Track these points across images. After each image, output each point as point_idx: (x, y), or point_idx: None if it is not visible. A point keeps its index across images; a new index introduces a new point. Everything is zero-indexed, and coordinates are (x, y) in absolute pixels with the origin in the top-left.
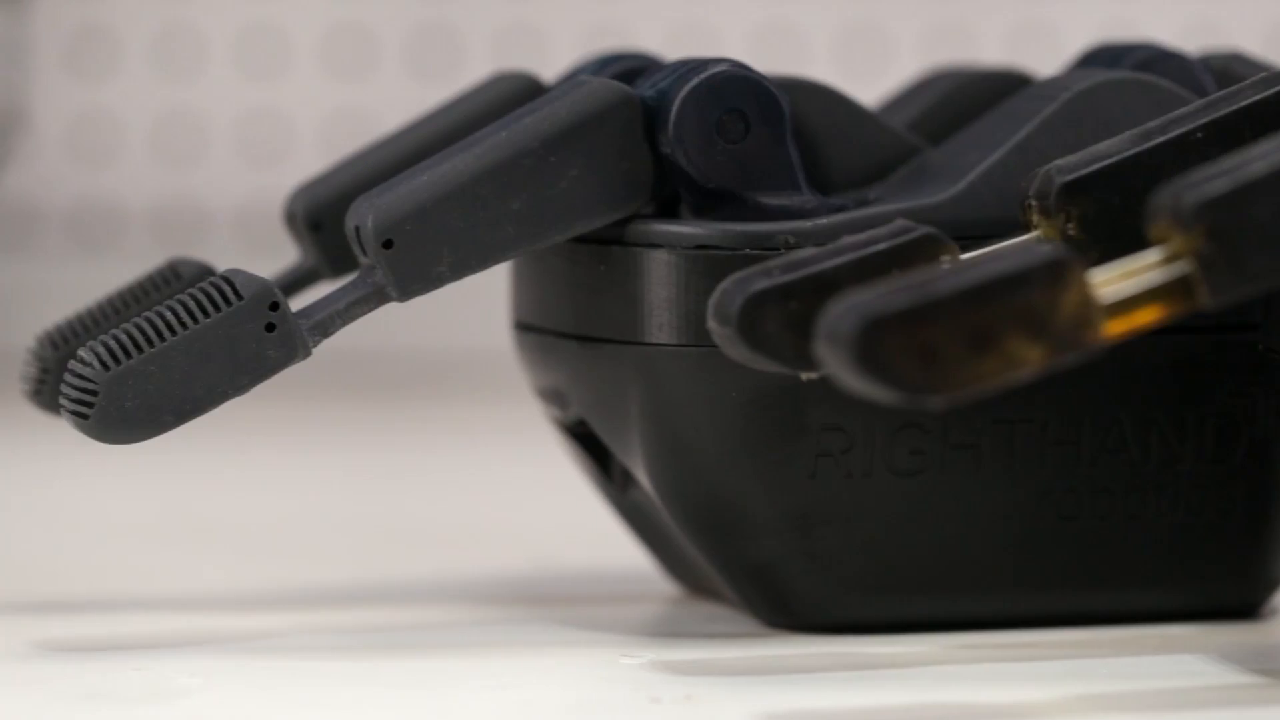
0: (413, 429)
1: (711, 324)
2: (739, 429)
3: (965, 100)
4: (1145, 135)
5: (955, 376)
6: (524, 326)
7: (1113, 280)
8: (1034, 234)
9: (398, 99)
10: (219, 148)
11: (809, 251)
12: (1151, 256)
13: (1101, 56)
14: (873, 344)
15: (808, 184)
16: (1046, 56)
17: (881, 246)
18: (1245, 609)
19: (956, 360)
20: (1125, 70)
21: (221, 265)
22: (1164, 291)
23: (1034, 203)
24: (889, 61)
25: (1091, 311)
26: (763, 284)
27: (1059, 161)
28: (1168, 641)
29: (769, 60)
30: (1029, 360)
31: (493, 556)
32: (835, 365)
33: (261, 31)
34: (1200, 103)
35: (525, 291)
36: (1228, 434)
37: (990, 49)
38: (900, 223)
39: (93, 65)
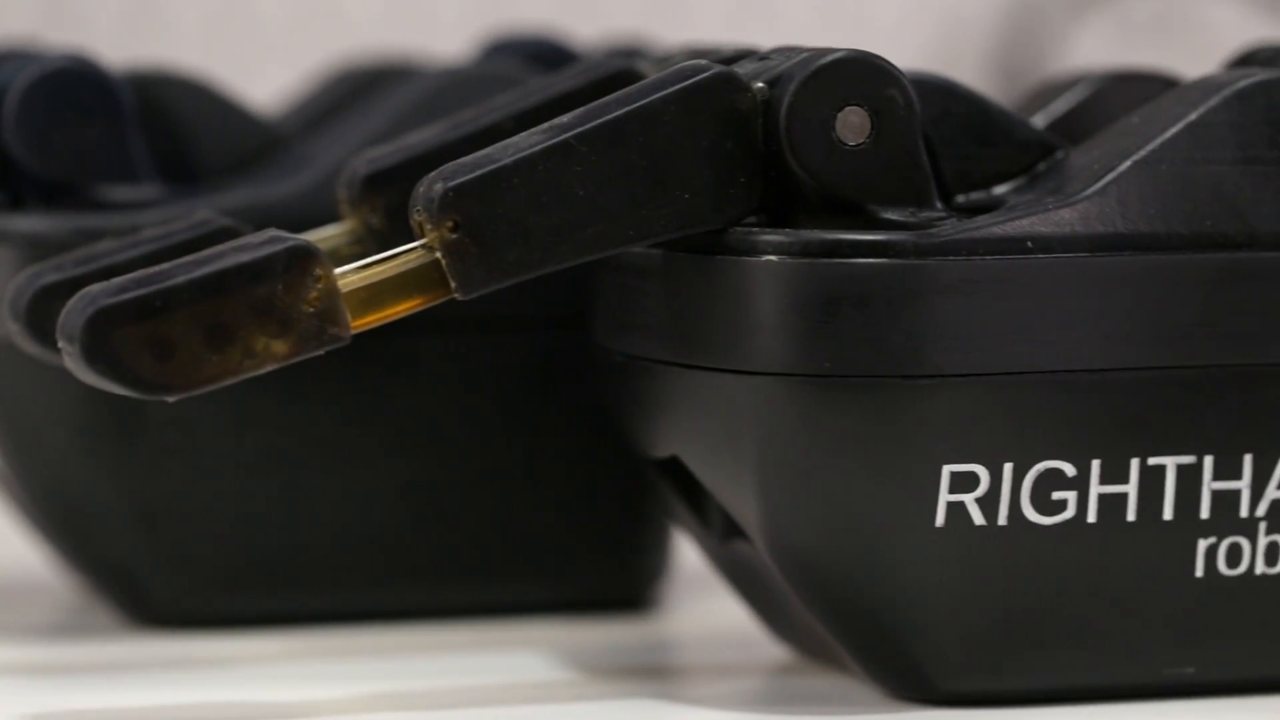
0: None
1: (5, 318)
2: (79, 424)
3: (359, 92)
4: (456, 124)
5: (194, 372)
6: None
7: (363, 271)
8: (344, 226)
9: None
10: None
11: (108, 244)
12: (409, 247)
13: (505, 49)
14: (100, 339)
15: (162, 175)
16: (421, 40)
17: (176, 239)
18: (628, 600)
19: (194, 355)
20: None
21: None
22: (415, 283)
23: (343, 194)
24: (263, 50)
25: (337, 304)
26: (52, 278)
27: (369, 152)
28: (525, 637)
29: (137, 49)
30: (274, 354)
31: None
32: (69, 361)
33: None
34: (516, 91)
35: None
36: (594, 427)
37: (365, 34)
38: (201, 215)
39: None
